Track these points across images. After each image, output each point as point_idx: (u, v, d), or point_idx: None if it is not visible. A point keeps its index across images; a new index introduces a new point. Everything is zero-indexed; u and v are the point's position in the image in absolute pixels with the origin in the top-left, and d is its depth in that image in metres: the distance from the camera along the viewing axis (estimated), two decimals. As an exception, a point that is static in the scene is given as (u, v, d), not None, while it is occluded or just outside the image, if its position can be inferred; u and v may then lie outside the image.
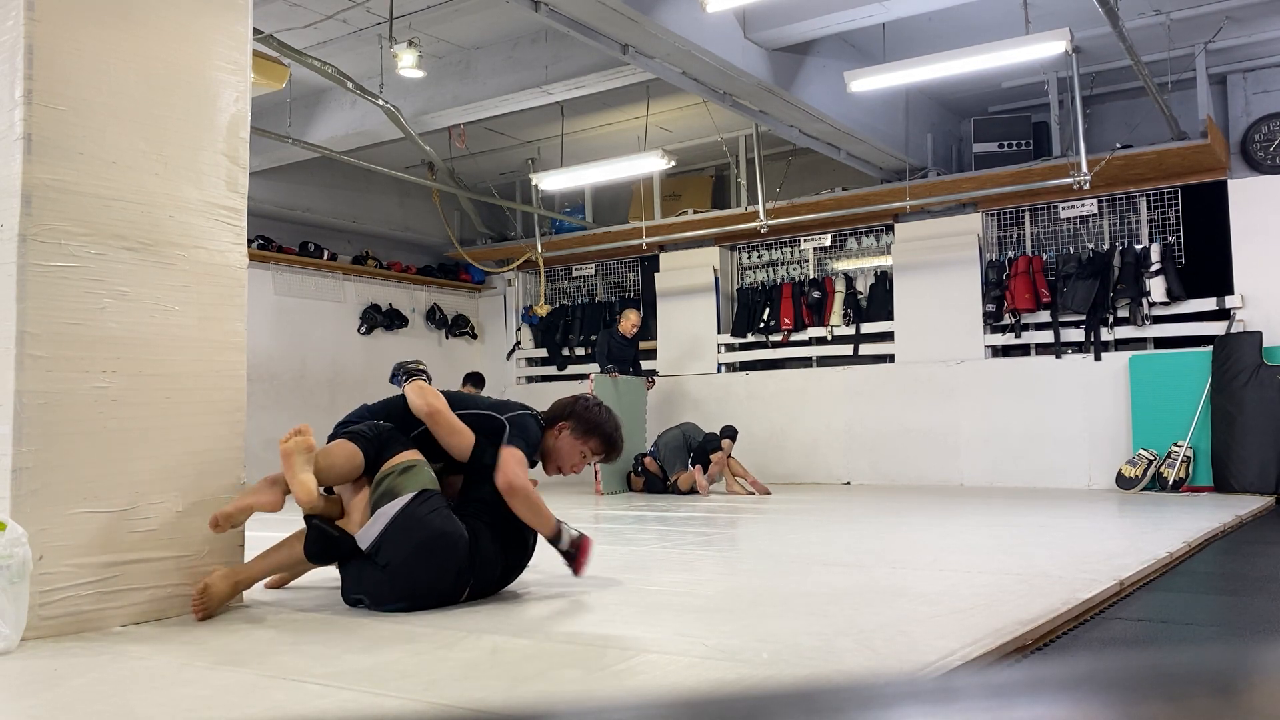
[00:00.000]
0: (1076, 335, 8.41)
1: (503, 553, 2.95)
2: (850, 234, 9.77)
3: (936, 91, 8.75)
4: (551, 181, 8.96)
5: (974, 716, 0.45)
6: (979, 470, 8.66)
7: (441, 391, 3.19)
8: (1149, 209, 8.34)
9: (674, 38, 6.11)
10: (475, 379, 10.24)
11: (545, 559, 3.26)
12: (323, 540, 2.78)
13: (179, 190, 2.81)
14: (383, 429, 2.99)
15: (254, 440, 3.71)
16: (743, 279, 10.39)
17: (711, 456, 7.93)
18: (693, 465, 7.97)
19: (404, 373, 3.24)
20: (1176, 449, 7.64)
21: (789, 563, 3.74)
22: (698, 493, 7.86)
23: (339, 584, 2.92)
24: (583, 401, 3.33)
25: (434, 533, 2.74)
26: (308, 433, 2.80)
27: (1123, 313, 8.25)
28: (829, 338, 9.67)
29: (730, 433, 8.11)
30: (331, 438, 3.02)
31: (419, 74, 6.94)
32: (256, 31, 5.21)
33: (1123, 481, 7.77)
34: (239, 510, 2.76)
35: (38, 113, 2.51)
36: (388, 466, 2.86)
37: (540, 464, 3.22)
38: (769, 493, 7.96)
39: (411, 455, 2.91)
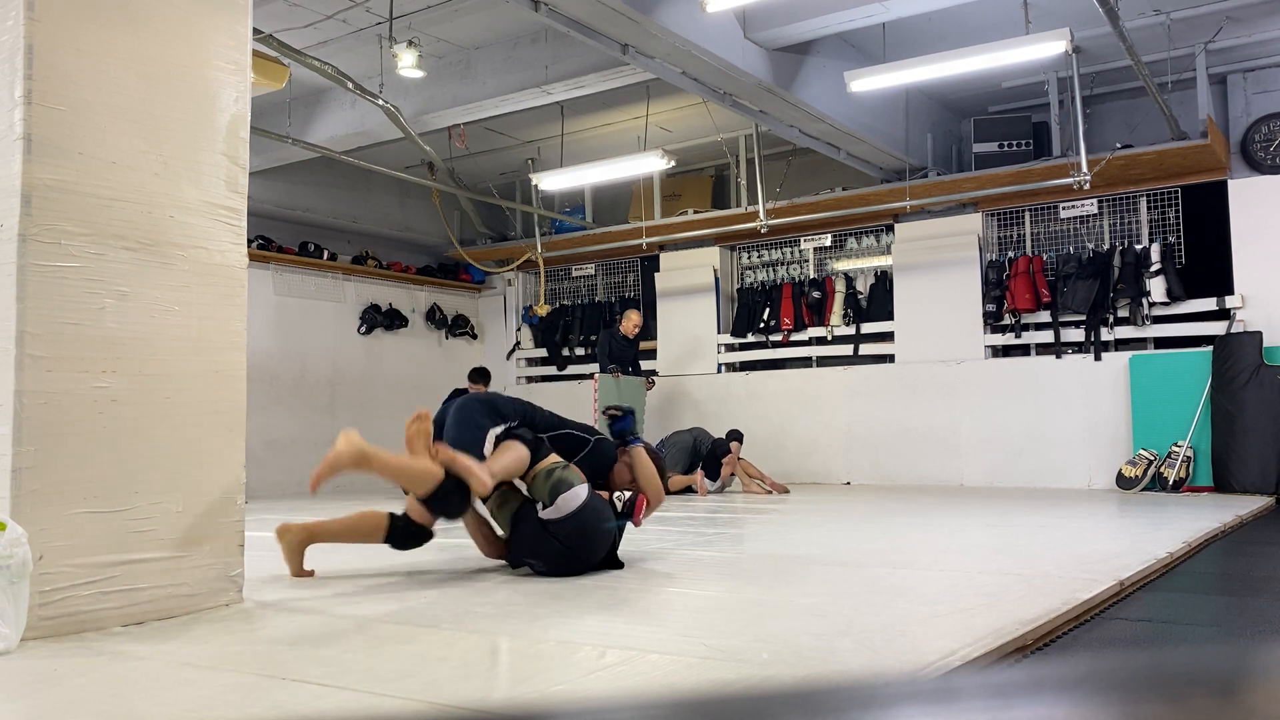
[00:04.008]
0: (1076, 335, 8.41)
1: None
2: (850, 234, 9.77)
3: (936, 91, 8.75)
4: (551, 181, 8.96)
5: (974, 716, 0.45)
6: (979, 470, 8.66)
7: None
8: (1149, 209, 8.34)
9: (674, 38, 6.11)
10: (482, 375, 9.58)
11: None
12: (407, 535, 3.49)
13: (179, 190, 2.81)
14: (532, 435, 3.61)
15: (254, 440, 3.74)
16: (743, 279, 10.38)
17: (723, 460, 7.99)
18: (701, 470, 7.99)
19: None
20: (1177, 449, 7.64)
21: (789, 562, 3.74)
22: (694, 492, 7.88)
23: (339, 583, 2.92)
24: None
25: (603, 528, 3.44)
26: (426, 418, 3.38)
27: (1123, 313, 8.25)
28: (829, 338, 9.67)
29: (736, 435, 8.15)
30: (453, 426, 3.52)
31: (419, 74, 6.94)
32: (256, 31, 5.21)
33: (1123, 481, 7.77)
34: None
35: (38, 113, 2.50)
36: (547, 463, 3.50)
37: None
38: (787, 491, 8.01)
39: (556, 458, 3.58)
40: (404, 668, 2.08)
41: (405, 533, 3.49)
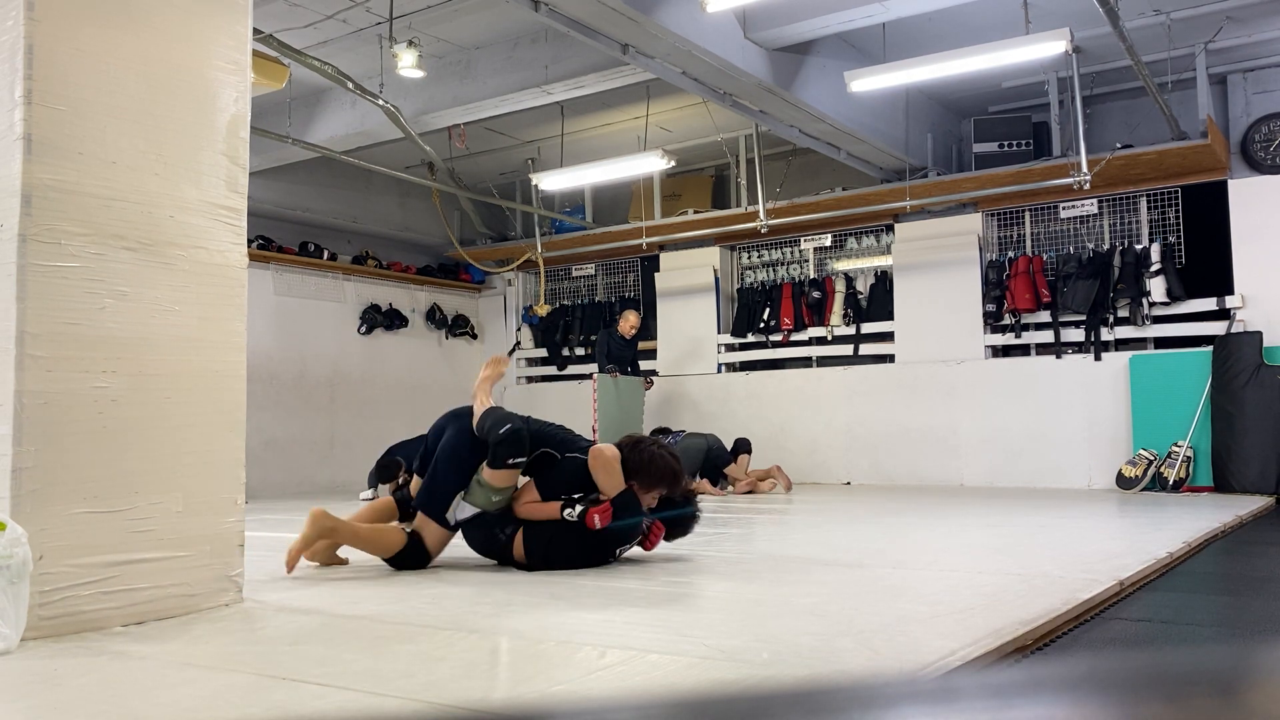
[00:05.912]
0: (1076, 335, 8.41)
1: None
2: (850, 234, 9.76)
3: (936, 91, 8.74)
4: (551, 181, 8.96)
5: (974, 716, 0.45)
6: (979, 470, 8.66)
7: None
8: (1149, 209, 8.34)
9: (674, 38, 6.11)
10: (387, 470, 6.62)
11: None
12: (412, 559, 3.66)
13: (179, 190, 2.81)
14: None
15: (254, 440, 3.76)
16: (743, 279, 10.38)
17: (726, 471, 8.00)
18: (702, 478, 7.98)
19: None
20: (1176, 449, 7.63)
21: (789, 562, 3.74)
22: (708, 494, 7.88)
23: (339, 583, 2.91)
24: (640, 452, 3.70)
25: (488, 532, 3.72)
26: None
27: (1123, 313, 8.25)
28: (829, 338, 9.67)
29: (745, 447, 8.15)
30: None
31: (419, 74, 6.94)
32: (256, 31, 5.21)
33: (1123, 481, 7.76)
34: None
35: (38, 113, 2.50)
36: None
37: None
38: (788, 489, 8.06)
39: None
40: (404, 668, 2.08)
41: (412, 557, 3.64)
